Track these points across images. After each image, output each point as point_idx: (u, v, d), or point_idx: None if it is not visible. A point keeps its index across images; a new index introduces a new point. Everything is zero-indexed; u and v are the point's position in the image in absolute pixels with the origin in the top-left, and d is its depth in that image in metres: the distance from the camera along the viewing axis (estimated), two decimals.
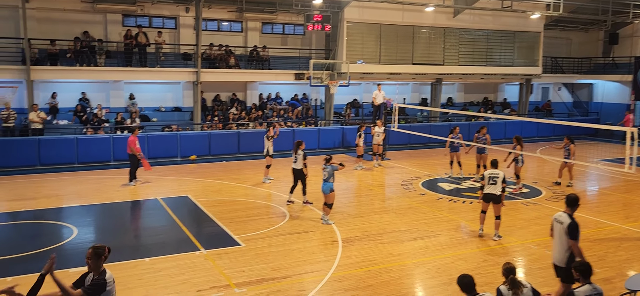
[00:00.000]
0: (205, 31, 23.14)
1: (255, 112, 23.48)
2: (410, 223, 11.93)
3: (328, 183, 11.59)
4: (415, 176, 17.43)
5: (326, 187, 11.60)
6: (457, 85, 29.62)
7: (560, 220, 7.16)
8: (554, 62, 30.65)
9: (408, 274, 9.06)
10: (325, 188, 11.61)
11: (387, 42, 24.20)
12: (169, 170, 18.23)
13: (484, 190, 10.75)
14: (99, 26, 21.75)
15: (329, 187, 11.57)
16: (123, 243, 10.56)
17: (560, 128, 26.03)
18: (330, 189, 11.58)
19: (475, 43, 26.30)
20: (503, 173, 10.78)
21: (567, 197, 7.32)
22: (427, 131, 22.56)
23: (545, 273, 9.01)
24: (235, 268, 9.06)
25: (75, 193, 14.78)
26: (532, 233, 11.33)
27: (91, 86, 21.67)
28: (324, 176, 11.67)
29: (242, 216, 12.37)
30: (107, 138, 19.10)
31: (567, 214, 7.15)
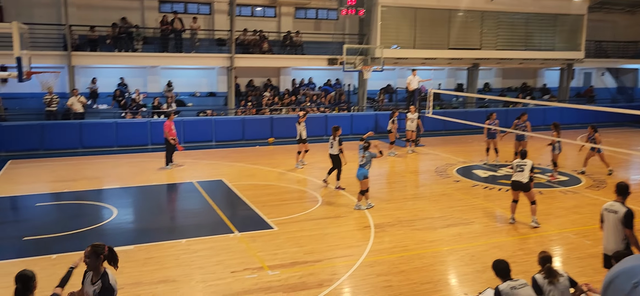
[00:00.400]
0: (239, 16, 23.29)
1: (288, 97, 23.56)
2: (443, 210, 11.79)
3: (363, 169, 11.49)
4: (449, 163, 17.19)
5: (361, 173, 11.50)
6: (494, 71, 28.94)
7: (614, 209, 6.96)
8: (598, 46, 29.51)
9: (441, 261, 8.98)
10: (360, 175, 11.52)
11: (422, 26, 23.79)
12: (204, 154, 18.54)
13: (512, 177, 10.60)
14: (136, 12, 22.18)
15: (364, 173, 11.47)
16: (160, 225, 10.83)
17: (602, 115, 25.16)
18: (364, 176, 11.47)
19: (514, 26, 25.54)
20: (531, 162, 10.57)
21: (618, 185, 7.13)
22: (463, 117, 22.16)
23: (583, 263, 8.78)
24: (268, 251, 9.18)
25: (115, 175, 15.23)
26: (570, 222, 11.03)
27: (129, 71, 22.18)
28: (361, 161, 11.57)
29: (275, 200, 12.49)
30: (144, 123, 19.54)
31: (620, 203, 6.97)
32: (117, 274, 8.10)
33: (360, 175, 11.52)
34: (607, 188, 13.93)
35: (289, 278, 8.07)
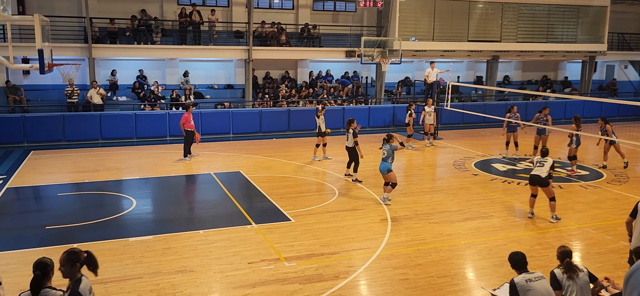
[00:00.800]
0: (257, 9, 23.33)
1: (305, 90, 23.57)
2: (461, 204, 11.71)
3: (386, 163, 11.42)
4: (468, 156, 17.04)
5: (383, 167, 11.44)
6: (514, 63, 28.55)
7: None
8: (621, 39, 28.90)
9: (458, 254, 8.93)
10: (383, 168, 11.45)
11: (441, 18, 23.55)
12: (222, 146, 18.67)
13: (531, 172, 10.50)
14: (155, 5, 22.36)
15: (387, 166, 11.39)
16: (179, 215, 10.96)
17: (625, 109, 24.65)
18: (387, 169, 11.39)
19: (536, 18, 25.13)
20: (552, 160, 10.45)
21: None
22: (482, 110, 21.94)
23: (603, 259, 8.65)
24: (285, 243, 9.22)
25: (134, 166, 15.43)
26: (590, 217, 10.87)
27: (148, 63, 22.40)
28: (383, 155, 11.52)
29: (292, 192, 12.53)
30: (163, 115, 19.74)
31: None
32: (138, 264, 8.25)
33: (383, 169, 11.45)
34: (629, 183, 13.68)
35: (305, 270, 8.11)
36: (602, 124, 14.88)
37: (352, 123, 13.55)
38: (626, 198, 12.27)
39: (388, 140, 11.57)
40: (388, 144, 11.49)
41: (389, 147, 11.46)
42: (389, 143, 11.51)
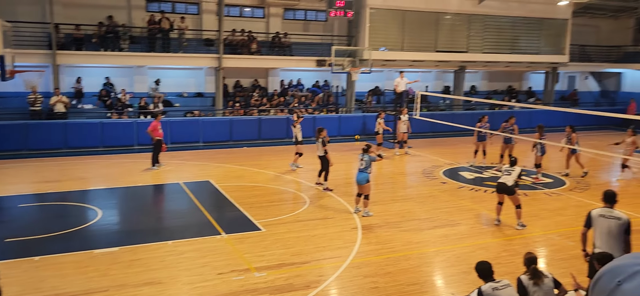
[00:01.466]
0: (227, 17, 23.21)
1: (276, 98, 23.53)
2: (430, 212, 11.86)
3: (365, 173, 11.23)
4: (436, 164, 17.29)
5: (362, 177, 11.23)
6: (481, 73, 29.18)
7: (615, 216, 6.98)
8: (582, 50, 29.90)
9: (427, 262, 9.03)
10: (361, 179, 11.25)
11: (410, 29, 23.92)
12: (191, 154, 18.44)
13: (499, 180, 10.73)
14: (123, 11, 21.99)
15: (366, 177, 11.21)
16: (146, 226, 10.75)
17: (586, 118, 25.46)
18: (366, 179, 11.22)
19: (501, 30, 25.80)
20: (520, 169, 10.70)
21: (607, 193, 7.22)
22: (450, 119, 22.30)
23: (567, 264, 8.89)
24: (255, 253, 9.15)
25: (100, 176, 15.08)
26: (554, 224, 11.17)
27: (115, 71, 21.98)
28: (361, 165, 11.34)
29: (262, 201, 12.46)
30: (130, 123, 19.38)
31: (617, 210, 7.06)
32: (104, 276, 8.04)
33: (362, 179, 11.22)
34: (590, 190, 14.12)
35: (275, 280, 8.06)
36: (570, 132, 15.33)
37: (321, 132, 13.57)
38: (588, 205, 12.65)
39: (366, 150, 11.43)
40: (367, 155, 11.34)
41: (368, 158, 11.31)
42: (367, 153, 11.36)
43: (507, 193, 10.54)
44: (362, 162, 11.32)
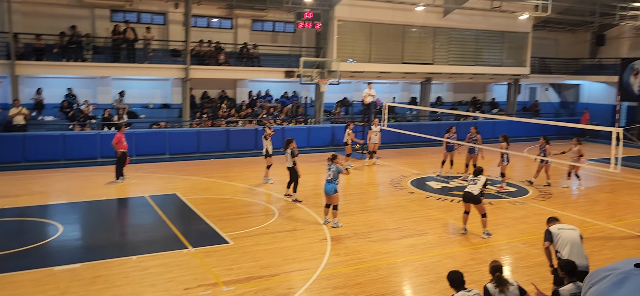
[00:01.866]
0: (195, 27, 23.00)
1: (245, 109, 23.39)
2: (398, 222, 11.95)
3: (332, 184, 11.16)
4: (404, 175, 17.48)
5: (330, 188, 11.17)
6: (446, 85, 29.75)
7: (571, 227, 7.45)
8: (542, 63, 30.89)
9: (396, 272, 9.08)
10: (330, 189, 11.17)
11: (377, 41, 24.23)
12: (157, 167, 18.10)
13: (465, 189, 10.90)
14: (86, 21, 21.52)
15: (333, 187, 11.14)
16: (109, 241, 10.46)
17: (547, 128, 26.26)
18: (334, 190, 11.14)
19: (465, 43, 26.42)
20: (485, 179, 10.90)
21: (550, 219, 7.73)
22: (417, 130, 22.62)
23: (531, 272, 9.09)
24: (223, 266, 9.02)
25: (61, 190, 14.62)
26: (518, 232, 11.41)
27: (78, 82, 21.44)
28: (328, 176, 11.26)
29: (230, 214, 12.31)
30: (93, 135, 18.91)
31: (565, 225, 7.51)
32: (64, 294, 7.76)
33: (330, 190, 11.16)
34: (553, 198, 14.52)
35: (244, 294, 7.95)
36: (543, 142, 15.77)
37: (290, 143, 13.53)
38: (550, 213, 12.98)
39: (333, 159, 11.39)
40: (334, 165, 11.28)
41: (336, 168, 11.26)
42: (334, 163, 11.32)
43: (473, 202, 10.73)
44: (330, 172, 11.28)
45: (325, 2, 22.57)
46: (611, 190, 15.87)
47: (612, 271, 2.02)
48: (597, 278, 2.06)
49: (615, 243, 10.83)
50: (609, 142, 12.11)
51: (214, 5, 23.42)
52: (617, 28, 29.82)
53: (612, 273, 1.97)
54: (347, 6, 22.98)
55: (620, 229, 11.82)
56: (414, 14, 23.96)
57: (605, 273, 2.03)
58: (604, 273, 2.04)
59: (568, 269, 6.02)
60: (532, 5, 24.78)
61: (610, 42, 30.54)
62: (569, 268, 6.02)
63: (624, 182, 16.76)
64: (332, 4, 22.75)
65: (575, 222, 12.19)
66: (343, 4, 22.79)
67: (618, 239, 11.12)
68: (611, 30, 30.22)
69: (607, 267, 2.07)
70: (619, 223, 12.25)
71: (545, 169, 16.07)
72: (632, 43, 29.82)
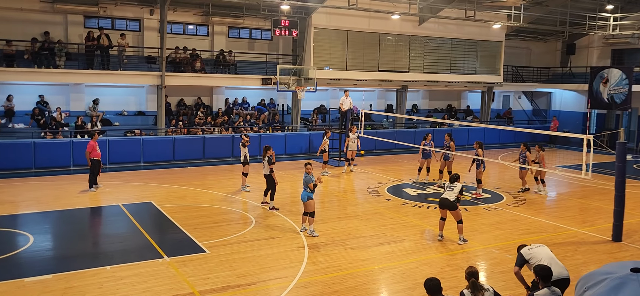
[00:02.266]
0: (171, 34, 22.79)
1: (221, 116, 23.24)
2: (376, 229, 12.00)
3: (304, 191, 11.16)
4: (381, 182, 17.57)
5: (303, 195, 11.18)
6: (422, 92, 30.09)
7: (540, 244, 7.50)
8: (515, 71, 31.53)
9: (374, 279, 9.11)
10: (303, 196, 11.20)
11: (353, 49, 24.39)
12: (132, 175, 17.82)
13: (441, 195, 11.04)
14: (59, 27, 21.12)
15: (308, 195, 11.10)
16: (82, 251, 10.24)
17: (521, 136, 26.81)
18: (307, 197, 11.11)
19: (440, 51, 26.81)
20: (461, 185, 11.05)
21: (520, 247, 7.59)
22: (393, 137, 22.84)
23: (506, 277, 9.22)
24: (199, 276, 8.91)
25: (32, 199, 14.26)
26: (493, 238, 11.58)
27: (50, 89, 21.00)
28: (303, 183, 11.28)
29: (207, 222, 12.19)
30: (66, 143, 18.53)
31: None
32: None
33: (303, 197, 11.20)
34: (526, 205, 14.78)
35: None
36: (524, 149, 16.13)
37: (268, 150, 13.49)
38: (524, 219, 13.25)
39: (305, 167, 11.41)
40: (305, 173, 11.28)
41: (305, 177, 11.22)
42: (305, 171, 11.35)
43: (450, 209, 10.85)
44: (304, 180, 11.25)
45: (302, 9, 22.65)
46: (583, 196, 16.24)
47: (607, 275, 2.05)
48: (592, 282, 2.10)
49: (587, 248, 11.07)
50: (580, 149, 12.41)
51: (190, 12, 23.26)
52: (586, 37, 30.67)
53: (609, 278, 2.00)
54: (324, 14, 23.10)
55: (592, 234, 12.10)
56: (390, 22, 24.22)
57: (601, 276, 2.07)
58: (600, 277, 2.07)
59: (543, 274, 6.13)
60: (505, 15, 25.30)
61: (580, 51, 31.37)
62: (544, 273, 6.13)
63: (595, 187, 17.18)
64: (309, 11, 22.84)
65: (548, 227, 12.47)
66: (320, 12, 22.91)
67: (590, 244, 11.38)
68: (581, 39, 31.06)
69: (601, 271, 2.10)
70: (590, 228, 12.54)
71: (522, 175, 16.40)
72: (601, 52, 30.70)
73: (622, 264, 2.11)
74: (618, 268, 2.11)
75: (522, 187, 16.49)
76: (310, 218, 11.27)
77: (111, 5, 21.64)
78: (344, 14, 23.16)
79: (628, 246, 11.25)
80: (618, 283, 2.00)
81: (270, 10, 22.24)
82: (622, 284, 1.98)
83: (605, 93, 26.98)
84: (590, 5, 26.99)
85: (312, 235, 11.18)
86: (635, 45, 28.55)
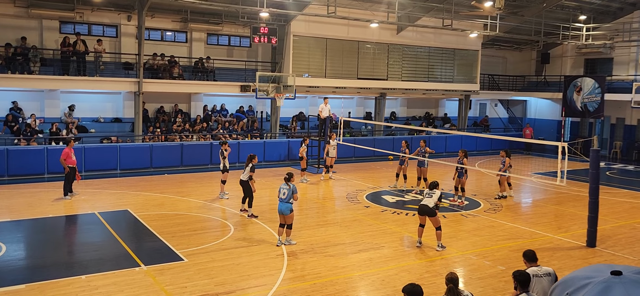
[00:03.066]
0: (148, 40, 22.56)
1: (200, 123, 23.06)
2: (355, 236, 12.03)
3: (287, 203, 10.79)
4: (360, 188, 17.64)
5: (285, 208, 10.75)
6: (400, 100, 30.35)
7: (546, 272, 6.67)
8: (491, 79, 32.06)
9: (353, 287, 9.12)
10: (285, 209, 10.74)
11: (332, 57, 24.51)
12: (108, 183, 17.54)
13: (421, 202, 11.13)
14: (34, 32, 20.73)
15: (289, 207, 10.76)
16: (56, 260, 10.02)
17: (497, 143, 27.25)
18: (289, 210, 10.77)
19: (418, 59, 27.12)
20: (440, 192, 11.16)
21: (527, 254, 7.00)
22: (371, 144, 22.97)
23: (484, 283, 9.33)
24: (177, 284, 8.80)
25: (5, 207, 13.91)
26: (471, 244, 11.71)
27: (24, 95, 20.56)
28: (282, 195, 10.85)
29: (185, 230, 12.06)
30: (40, 150, 18.15)
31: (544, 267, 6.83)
32: None
33: (286, 210, 10.75)
34: (503, 211, 15.00)
35: None
36: (503, 156, 16.43)
37: (253, 159, 13.37)
38: (501, 225, 13.43)
39: (289, 179, 11.02)
40: (287, 184, 10.91)
41: (292, 188, 10.89)
42: (290, 182, 10.97)
43: (429, 215, 10.94)
44: (284, 192, 10.89)
45: (281, 17, 22.68)
46: (558, 202, 16.55)
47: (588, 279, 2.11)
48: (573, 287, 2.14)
49: (562, 254, 11.28)
50: (555, 156, 12.65)
51: (168, 19, 23.08)
52: (560, 47, 31.38)
53: (592, 282, 2.05)
54: (303, 22, 23.17)
55: (567, 240, 12.33)
56: (369, 30, 24.42)
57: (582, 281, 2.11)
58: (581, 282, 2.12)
59: (521, 279, 6.20)
60: (482, 24, 25.74)
61: (555, 61, 32.06)
62: (523, 278, 6.21)
63: (570, 194, 17.53)
64: (288, 19, 22.88)
65: (524, 234, 12.67)
66: (299, 19, 22.97)
67: (565, 250, 11.60)
68: (555, 49, 31.76)
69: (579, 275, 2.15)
70: (565, 234, 12.78)
71: (502, 181, 16.66)
72: (574, 61, 31.44)
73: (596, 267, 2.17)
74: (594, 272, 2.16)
75: (500, 192, 16.73)
76: (288, 230, 11.05)
77: (88, 11, 21.35)
78: (323, 22, 23.27)
79: (602, 251, 11.50)
80: (603, 287, 2.06)
81: (249, 17, 22.21)
82: (607, 288, 2.04)
83: (579, 102, 27.63)
84: (564, 16, 27.67)
85: (290, 244, 11.05)
86: (608, 54, 29.35)
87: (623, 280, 2.16)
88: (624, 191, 18.83)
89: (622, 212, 15.42)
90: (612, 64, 29.49)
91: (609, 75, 28.67)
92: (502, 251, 11.23)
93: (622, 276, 2.20)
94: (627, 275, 2.23)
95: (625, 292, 2.05)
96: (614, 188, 19.34)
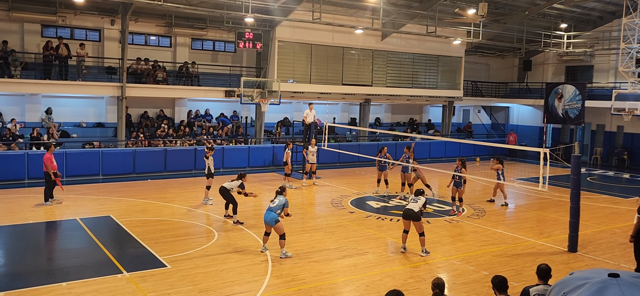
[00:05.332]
0: (132, 45, 22.37)
1: (184, 129, 22.90)
2: (339, 242, 12.03)
3: (273, 213, 10.55)
4: (344, 194, 17.66)
5: (271, 218, 10.49)
6: (384, 106, 30.51)
7: None
8: (474, 86, 32.41)
9: (337, 292, 9.11)
10: (270, 219, 10.49)
11: (317, 62, 24.56)
12: (90, 188, 17.31)
13: (406, 206, 11.20)
14: (15, 36, 20.42)
15: (274, 217, 10.52)
16: (36, 267, 9.85)
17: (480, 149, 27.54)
18: (275, 220, 10.47)
19: (402, 65, 27.31)
20: (425, 199, 11.27)
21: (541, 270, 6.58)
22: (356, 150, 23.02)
23: (468, 288, 9.39)
24: (160, 291, 8.71)
25: None
26: (455, 250, 11.79)
27: (4, 99, 20.23)
28: (272, 204, 10.70)
29: (168, 236, 11.94)
30: (21, 155, 17.86)
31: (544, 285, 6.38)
32: None
33: (271, 220, 10.50)
34: (486, 217, 15.13)
35: None
36: (494, 162, 16.59)
37: (244, 178, 13.25)
38: (484, 230, 13.55)
39: (281, 192, 10.95)
40: (279, 197, 10.77)
41: (283, 200, 10.72)
42: (283, 196, 10.84)
43: (413, 220, 10.99)
44: (274, 201, 10.75)
45: (266, 22, 22.67)
46: (540, 208, 16.75)
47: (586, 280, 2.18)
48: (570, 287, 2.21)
49: (544, 259, 11.40)
50: (537, 162, 12.82)
51: (152, 23, 22.92)
52: (542, 54, 31.86)
53: (588, 282, 2.12)
54: (288, 27, 23.19)
55: (549, 245, 12.48)
56: (353, 36, 24.53)
57: (579, 282, 2.18)
58: (578, 282, 2.18)
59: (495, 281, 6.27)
60: (465, 31, 26.03)
61: (536, 68, 32.54)
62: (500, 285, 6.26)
63: (552, 199, 17.76)
64: (273, 24, 22.89)
65: (507, 239, 12.80)
66: (284, 25, 22.99)
67: (547, 255, 11.73)
68: (537, 56, 32.24)
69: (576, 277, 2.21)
70: (547, 240, 12.94)
71: (494, 188, 16.89)
72: (556, 69, 31.94)
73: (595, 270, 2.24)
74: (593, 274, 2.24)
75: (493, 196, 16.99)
76: (281, 241, 10.77)
77: (71, 14, 21.10)
78: (308, 28, 23.32)
79: (583, 256, 11.67)
80: (599, 287, 2.13)
81: (234, 22, 22.16)
82: (603, 288, 2.10)
83: (560, 109, 28.05)
84: (546, 24, 28.11)
85: (286, 256, 10.69)
86: (588, 62, 29.87)
87: (620, 281, 2.25)
88: (604, 196, 19.14)
89: (602, 217, 15.67)
90: (592, 71, 30.02)
91: (590, 82, 29.17)
92: (486, 256, 11.32)
93: (619, 278, 2.30)
94: (624, 278, 2.35)
95: (621, 293, 2.13)
96: (595, 193, 19.65)
